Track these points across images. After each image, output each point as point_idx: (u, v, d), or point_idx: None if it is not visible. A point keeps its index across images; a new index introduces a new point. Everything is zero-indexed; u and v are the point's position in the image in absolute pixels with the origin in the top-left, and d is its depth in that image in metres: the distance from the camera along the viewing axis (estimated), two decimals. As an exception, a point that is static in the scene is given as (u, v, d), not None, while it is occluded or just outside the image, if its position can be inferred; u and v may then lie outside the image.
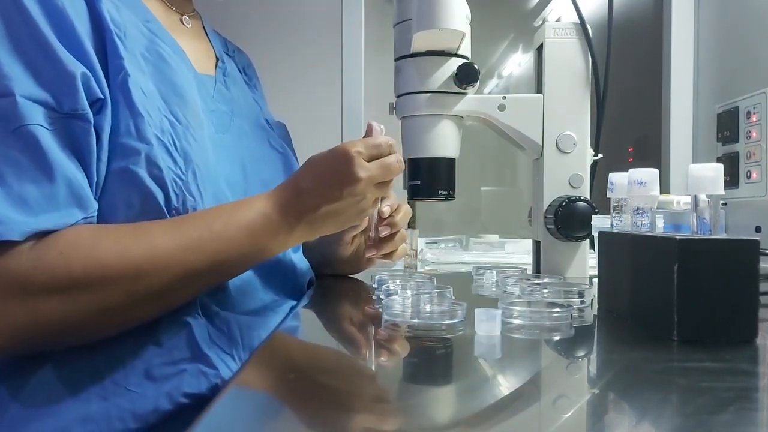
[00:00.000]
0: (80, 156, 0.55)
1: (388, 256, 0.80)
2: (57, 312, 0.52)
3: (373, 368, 0.43)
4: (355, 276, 0.91)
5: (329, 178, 0.62)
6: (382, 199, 0.75)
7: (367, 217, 0.76)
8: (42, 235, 0.52)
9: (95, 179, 0.56)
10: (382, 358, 0.45)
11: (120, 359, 0.56)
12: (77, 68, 0.55)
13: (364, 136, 0.67)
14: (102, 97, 0.57)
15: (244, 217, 0.59)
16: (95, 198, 0.56)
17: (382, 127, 0.70)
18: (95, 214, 0.56)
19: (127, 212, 0.57)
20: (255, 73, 0.93)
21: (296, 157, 0.86)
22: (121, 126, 0.58)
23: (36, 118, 0.52)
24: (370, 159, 0.64)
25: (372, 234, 0.78)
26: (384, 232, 0.76)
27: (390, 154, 0.65)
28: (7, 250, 0.50)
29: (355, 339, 0.52)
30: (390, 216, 0.76)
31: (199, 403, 0.56)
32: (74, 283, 0.52)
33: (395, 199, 0.79)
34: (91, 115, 0.55)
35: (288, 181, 0.64)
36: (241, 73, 0.87)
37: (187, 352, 0.58)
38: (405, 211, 0.79)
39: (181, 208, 0.59)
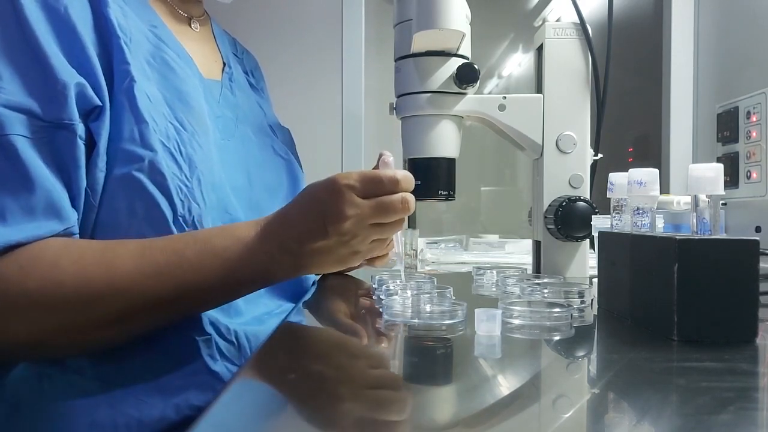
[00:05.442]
0: (63, 167, 0.53)
1: (371, 261, 0.79)
2: (12, 327, 0.51)
3: (374, 368, 0.43)
4: (356, 276, 0.91)
5: (315, 211, 0.57)
6: None
7: None
8: (17, 246, 0.51)
9: (81, 191, 0.54)
10: (382, 358, 0.45)
11: (131, 370, 0.56)
12: (71, 78, 0.54)
13: (373, 167, 0.62)
14: (100, 104, 0.56)
15: (219, 244, 0.55)
16: (95, 204, 0.55)
17: (392, 158, 0.63)
18: (74, 224, 0.54)
19: (131, 219, 0.56)
20: (262, 75, 0.93)
21: (300, 163, 0.86)
22: (124, 132, 0.56)
23: (16, 128, 0.51)
24: (366, 195, 0.56)
25: None
26: None
27: (394, 192, 0.57)
28: None
29: (355, 339, 0.52)
30: None
31: None
32: (27, 300, 0.50)
33: None
34: (79, 126, 0.54)
35: (279, 209, 0.60)
36: (247, 75, 0.86)
37: (197, 366, 0.58)
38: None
39: (187, 216, 0.58)
